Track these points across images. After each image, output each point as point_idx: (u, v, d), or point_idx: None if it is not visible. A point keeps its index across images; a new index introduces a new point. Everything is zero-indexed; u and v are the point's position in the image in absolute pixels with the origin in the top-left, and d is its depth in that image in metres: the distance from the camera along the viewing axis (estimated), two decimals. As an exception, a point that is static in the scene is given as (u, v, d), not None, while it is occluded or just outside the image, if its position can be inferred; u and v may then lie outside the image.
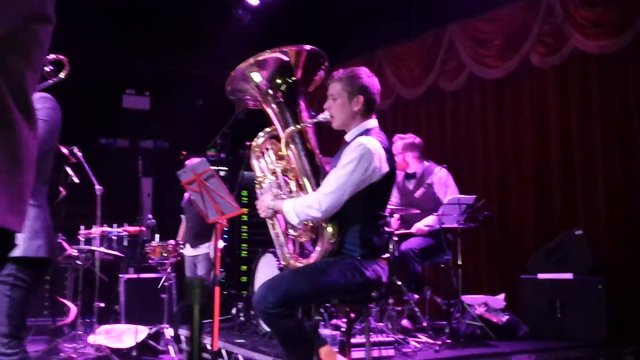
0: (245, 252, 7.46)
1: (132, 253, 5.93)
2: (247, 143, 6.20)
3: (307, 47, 2.97)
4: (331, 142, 3.12)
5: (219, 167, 7.88)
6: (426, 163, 5.14)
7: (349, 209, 2.79)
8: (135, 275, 6.18)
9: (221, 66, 7.32)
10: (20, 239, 2.47)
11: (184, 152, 6.75)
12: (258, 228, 7.10)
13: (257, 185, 3.03)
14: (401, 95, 6.84)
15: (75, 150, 5.06)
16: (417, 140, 5.13)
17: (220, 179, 3.05)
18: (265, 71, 2.93)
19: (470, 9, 6.08)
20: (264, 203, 2.91)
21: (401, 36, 6.70)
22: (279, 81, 2.94)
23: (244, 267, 7.29)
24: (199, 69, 7.90)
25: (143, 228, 5.53)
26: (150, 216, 6.67)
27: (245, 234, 7.54)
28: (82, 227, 5.37)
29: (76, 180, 5.18)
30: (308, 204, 2.74)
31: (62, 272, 5.97)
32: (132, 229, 5.31)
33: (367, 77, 2.90)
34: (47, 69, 2.66)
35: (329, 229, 2.81)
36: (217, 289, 2.99)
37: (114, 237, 5.37)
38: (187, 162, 6.03)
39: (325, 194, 2.74)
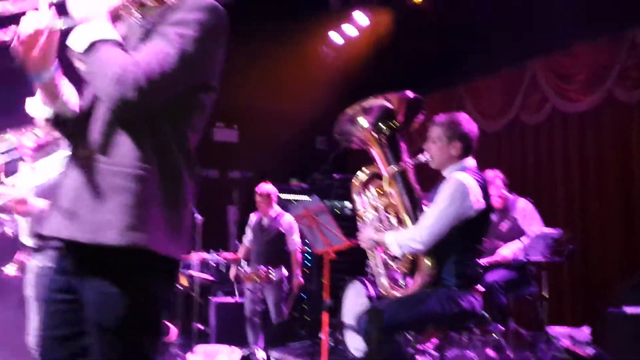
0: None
1: (226, 278, 6.28)
2: (335, 176, 6.49)
3: (409, 94, 3.25)
4: (431, 178, 3.36)
5: (302, 196, 8.25)
6: (510, 196, 5.28)
7: (447, 241, 3.01)
8: (226, 299, 6.54)
9: (304, 101, 7.75)
10: None
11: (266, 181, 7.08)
12: (340, 256, 7.34)
13: (358, 219, 3.31)
14: (482, 129, 6.94)
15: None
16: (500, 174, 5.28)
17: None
18: (371, 116, 3.23)
19: (552, 43, 6.20)
20: (366, 235, 3.19)
21: (482, 70, 6.88)
22: (382, 125, 3.23)
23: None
24: (283, 103, 8.31)
25: (238, 255, 5.88)
26: (237, 243, 7.04)
27: (327, 262, 7.77)
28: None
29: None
30: (410, 237, 2.99)
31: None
32: (229, 255, 5.67)
33: (467, 124, 3.15)
34: None
35: (427, 262, 3.04)
36: (325, 315, 3.25)
37: (212, 263, 5.75)
38: (257, 189, 6.13)
39: (426, 227, 2.98)
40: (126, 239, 1.51)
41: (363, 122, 3.25)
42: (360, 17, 7.06)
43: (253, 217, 6.10)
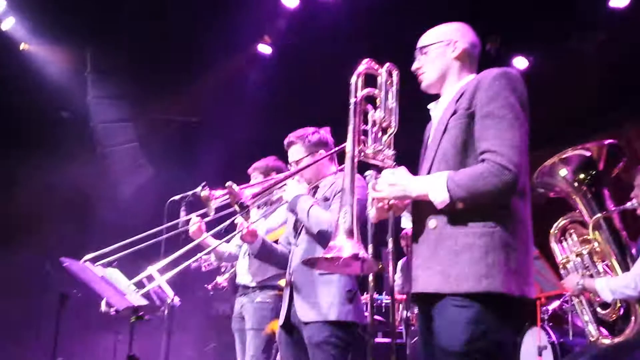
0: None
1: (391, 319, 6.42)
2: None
3: (607, 141, 3.32)
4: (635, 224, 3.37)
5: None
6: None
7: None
8: (385, 340, 6.66)
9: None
10: (335, 304, 2.92)
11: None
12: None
13: (560, 267, 3.38)
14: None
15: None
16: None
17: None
18: (570, 166, 3.33)
19: None
20: (573, 281, 3.24)
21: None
22: (582, 175, 3.32)
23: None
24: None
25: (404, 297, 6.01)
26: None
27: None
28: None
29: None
30: (624, 284, 3.03)
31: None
32: (399, 297, 5.83)
33: None
34: None
35: (641, 309, 3.05)
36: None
37: (382, 304, 5.95)
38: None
39: (638, 275, 2.99)
40: (481, 286, 1.81)
41: (563, 172, 3.35)
42: (519, 62, 7.09)
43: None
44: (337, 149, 3.10)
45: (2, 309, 6.24)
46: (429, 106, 2.24)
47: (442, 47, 2.16)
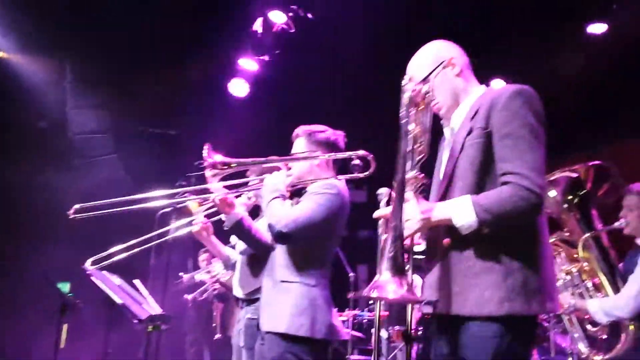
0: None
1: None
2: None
3: (592, 163, 3.41)
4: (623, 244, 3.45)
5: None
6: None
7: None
8: (362, 357, 6.65)
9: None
10: (287, 315, 2.58)
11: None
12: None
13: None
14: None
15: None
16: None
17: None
18: (559, 187, 3.40)
19: None
20: (564, 300, 3.29)
21: (629, 133, 6.76)
22: (571, 196, 3.40)
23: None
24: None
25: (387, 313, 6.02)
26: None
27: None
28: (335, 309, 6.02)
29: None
30: (615, 306, 3.10)
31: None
32: (384, 314, 5.83)
33: None
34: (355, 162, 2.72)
35: (631, 327, 3.12)
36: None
37: (364, 321, 5.94)
38: None
39: (631, 297, 3.07)
40: (503, 309, 1.80)
41: (552, 193, 3.43)
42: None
43: None
44: (335, 154, 2.81)
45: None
46: (442, 122, 2.20)
47: (441, 70, 2.11)
